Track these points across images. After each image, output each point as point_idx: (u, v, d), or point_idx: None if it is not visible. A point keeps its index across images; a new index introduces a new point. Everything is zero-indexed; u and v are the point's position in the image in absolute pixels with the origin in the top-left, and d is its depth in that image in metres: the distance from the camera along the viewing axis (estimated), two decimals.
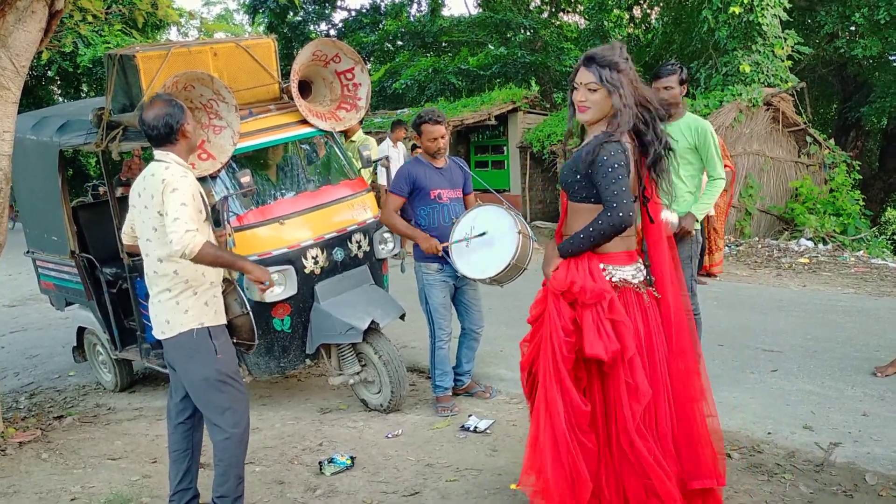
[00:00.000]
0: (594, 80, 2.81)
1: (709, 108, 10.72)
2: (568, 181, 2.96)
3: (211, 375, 3.14)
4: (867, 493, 3.31)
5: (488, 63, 17.82)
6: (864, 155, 14.01)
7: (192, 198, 3.04)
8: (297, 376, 5.60)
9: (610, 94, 2.79)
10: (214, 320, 3.21)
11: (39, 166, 5.24)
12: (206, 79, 4.20)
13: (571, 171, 2.93)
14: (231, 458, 3.19)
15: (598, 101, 2.83)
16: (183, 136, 3.16)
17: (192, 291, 3.15)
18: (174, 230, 2.90)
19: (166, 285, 3.14)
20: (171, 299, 3.14)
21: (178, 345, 3.16)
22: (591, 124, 2.92)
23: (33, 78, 17.81)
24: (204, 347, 3.15)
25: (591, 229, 2.82)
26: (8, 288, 9.71)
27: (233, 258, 3.20)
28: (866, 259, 9.24)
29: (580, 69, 2.85)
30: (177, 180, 3.02)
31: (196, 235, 2.92)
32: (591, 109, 2.86)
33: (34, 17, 4.13)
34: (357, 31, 20.97)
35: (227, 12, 31.94)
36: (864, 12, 12.23)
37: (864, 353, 5.25)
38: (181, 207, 2.95)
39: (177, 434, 3.38)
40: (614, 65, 2.79)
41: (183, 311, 3.13)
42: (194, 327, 3.13)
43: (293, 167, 5.20)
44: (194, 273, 3.14)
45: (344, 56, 4.99)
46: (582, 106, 2.86)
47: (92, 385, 5.91)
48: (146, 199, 3.09)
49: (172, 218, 2.93)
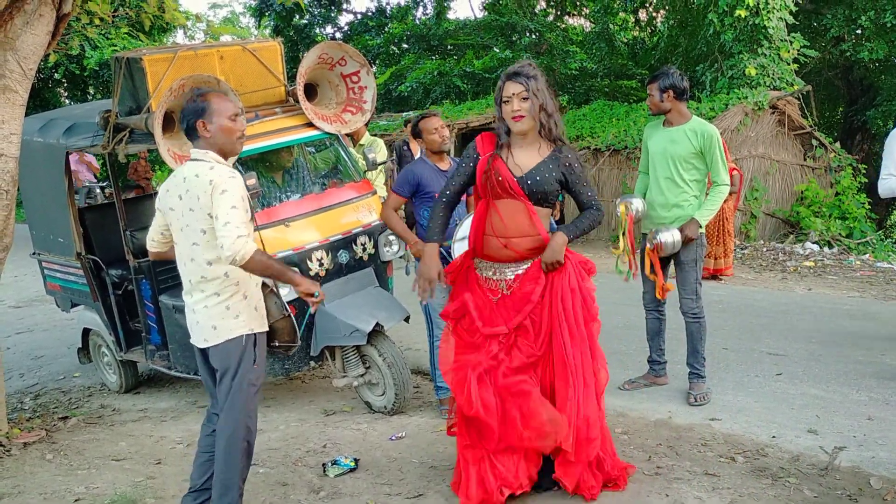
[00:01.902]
0: (524, 90, 3.15)
1: (714, 111, 10.71)
2: (547, 190, 3.25)
3: (241, 383, 3.07)
4: (872, 497, 3.30)
5: (493, 66, 17.81)
6: (870, 158, 13.92)
7: (242, 199, 2.95)
8: (302, 378, 5.61)
9: (537, 101, 3.15)
10: (261, 326, 3.15)
11: (46, 168, 5.27)
12: (212, 81, 4.22)
13: (552, 182, 3.25)
14: (236, 465, 3.13)
15: (530, 110, 3.15)
16: (202, 132, 3.03)
17: (243, 295, 3.08)
18: (225, 235, 2.82)
19: (215, 289, 3.05)
20: (220, 303, 3.05)
21: (225, 351, 3.07)
22: (525, 134, 3.23)
23: (40, 80, 17.89)
24: (245, 355, 3.07)
25: (587, 223, 3.36)
26: (14, 289, 9.74)
27: (282, 268, 3.07)
28: (872, 263, 9.21)
29: (506, 84, 3.19)
30: (225, 181, 2.92)
31: (248, 242, 2.84)
32: (525, 118, 3.17)
33: (42, 20, 4.15)
34: (363, 34, 21.02)
35: (233, 15, 32.08)
36: (871, 15, 12.19)
37: (870, 357, 5.23)
38: (232, 211, 2.86)
39: (210, 438, 3.25)
40: (536, 77, 3.17)
41: (234, 316, 3.05)
42: (244, 333, 3.06)
43: (299, 170, 5.22)
44: (244, 275, 3.06)
45: (350, 59, 5.00)
46: (518, 115, 3.17)
47: (97, 386, 5.93)
48: (190, 201, 2.98)
49: (223, 222, 2.84)
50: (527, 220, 3.26)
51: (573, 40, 19.25)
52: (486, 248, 3.35)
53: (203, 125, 3.03)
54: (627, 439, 4.05)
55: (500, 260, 3.34)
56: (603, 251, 11.14)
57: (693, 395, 4.52)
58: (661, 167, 4.47)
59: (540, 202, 3.28)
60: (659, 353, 4.82)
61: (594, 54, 17.87)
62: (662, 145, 4.46)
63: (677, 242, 4.33)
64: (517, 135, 3.25)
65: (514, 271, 3.33)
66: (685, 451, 3.86)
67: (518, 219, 3.26)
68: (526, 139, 3.26)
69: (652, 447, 3.93)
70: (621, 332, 6.20)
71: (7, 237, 4.38)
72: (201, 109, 3.02)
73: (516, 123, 3.20)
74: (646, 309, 4.79)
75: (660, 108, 4.44)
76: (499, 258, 3.34)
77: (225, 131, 3.04)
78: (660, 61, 15.81)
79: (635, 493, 3.43)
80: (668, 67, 4.50)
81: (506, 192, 3.25)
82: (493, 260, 3.36)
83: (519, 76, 3.18)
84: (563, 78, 17.52)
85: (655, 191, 4.50)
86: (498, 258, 3.34)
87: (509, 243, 3.28)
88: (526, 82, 3.15)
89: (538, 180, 3.23)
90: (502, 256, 3.33)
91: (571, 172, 3.28)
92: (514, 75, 3.19)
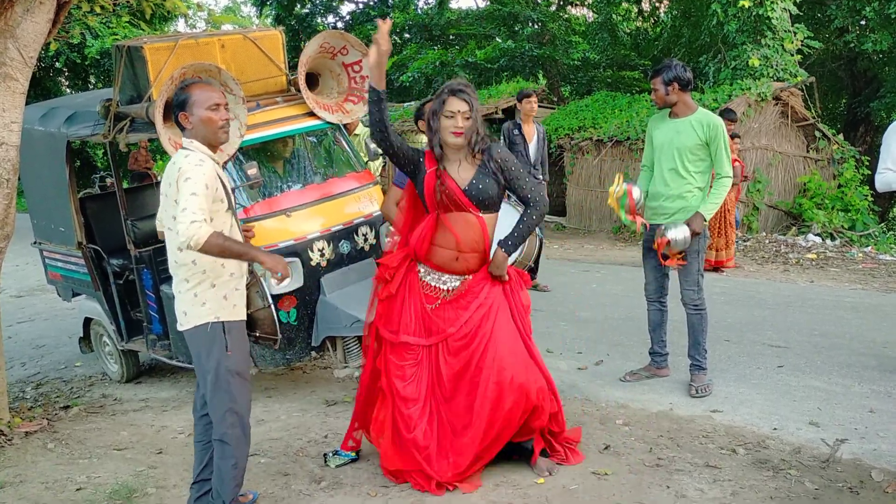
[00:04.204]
0: (469, 110, 3.32)
1: (717, 102, 10.67)
2: (492, 194, 3.41)
3: (217, 371, 3.08)
4: (873, 489, 3.30)
5: (496, 56, 17.76)
6: (873, 150, 13.86)
7: (206, 187, 2.94)
8: (303, 368, 5.61)
9: (475, 123, 3.34)
10: (232, 315, 3.14)
11: (47, 157, 5.25)
12: (213, 70, 4.20)
13: (495, 186, 3.40)
14: (228, 454, 3.13)
15: (470, 129, 3.34)
16: (185, 123, 3.07)
17: (211, 283, 3.09)
18: (181, 220, 2.84)
19: (185, 275, 3.09)
20: (189, 290, 3.09)
21: (194, 337, 3.12)
22: (459, 148, 3.38)
23: (41, 69, 17.84)
24: (217, 342, 3.09)
25: (525, 229, 3.48)
26: (15, 278, 9.75)
27: (243, 248, 3.06)
28: (874, 255, 9.21)
29: (450, 99, 3.33)
30: (191, 169, 2.95)
31: (202, 226, 2.84)
32: (464, 135, 3.34)
33: (42, 7, 4.13)
34: (364, 24, 20.89)
35: (234, 4, 31.98)
36: (875, 6, 12.12)
37: (872, 349, 5.23)
38: (191, 197, 2.88)
39: (200, 425, 3.32)
40: (476, 99, 3.37)
41: (200, 304, 3.08)
42: (210, 321, 3.08)
43: (300, 159, 5.20)
44: (213, 264, 3.07)
45: (352, 48, 4.98)
46: (458, 131, 3.32)
47: (98, 376, 5.94)
48: (165, 187, 3.04)
49: (181, 208, 2.87)
50: (478, 235, 3.43)
51: (576, 30, 19.18)
52: (434, 256, 3.48)
53: (185, 117, 3.08)
54: (629, 430, 4.05)
55: (449, 271, 3.49)
56: (606, 242, 11.14)
57: (694, 387, 4.52)
58: (666, 158, 4.45)
59: (488, 208, 3.43)
60: (661, 344, 4.81)
61: (597, 45, 17.82)
62: (668, 136, 4.44)
63: (688, 238, 4.31)
64: (451, 147, 3.39)
65: (460, 280, 3.49)
66: (686, 443, 3.86)
67: (470, 234, 3.42)
68: (458, 153, 3.41)
69: (653, 439, 3.93)
70: (623, 323, 6.20)
71: (8, 226, 4.37)
72: (182, 101, 3.08)
73: (456, 138, 3.34)
74: (648, 300, 4.78)
75: (666, 102, 4.42)
76: (448, 270, 3.48)
77: (205, 121, 3.07)
78: (663, 52, 15.77)
79: (636, 484, 3.44)
80: (669, 60, 4.48)
81: (454, 205, 3.38)
82: (441, 270, 3.49)
83: (465, 94, 3.33)
84: (566, 68, 17.48)
85: (660, 182, 4.48)
86: (447, 270, 3.48)
87: (461, 257, 3.44)
88: (471, 102, 3.33)
89: (481, 188, 3.38)
90: (453, 269, 3.48)
91: (506, 169, 3.42)
92: (460, 92, 3.33)
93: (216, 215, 3.04)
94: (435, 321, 3.49)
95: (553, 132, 12.52)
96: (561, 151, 12.54)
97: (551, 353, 5.37)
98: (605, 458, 3.72)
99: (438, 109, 3.36)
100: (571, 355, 5.46)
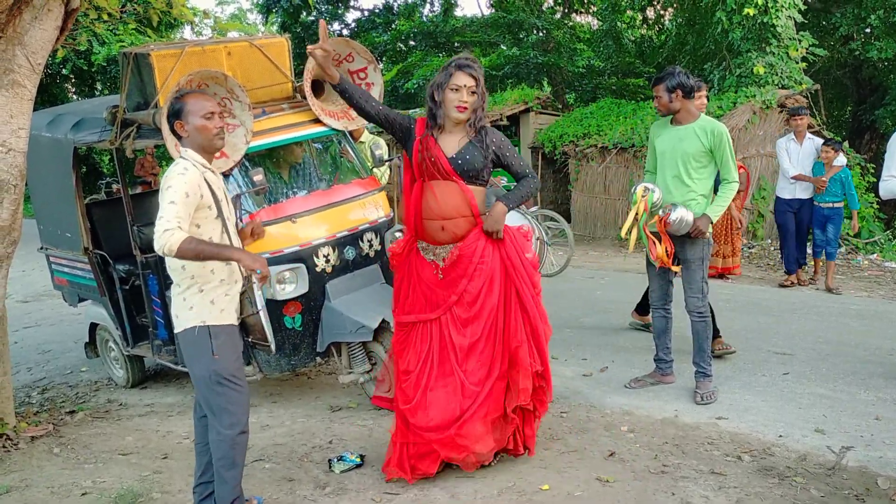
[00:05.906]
0: (475, 85, 3.37)
1: (722, 109, 10.67)
2: (478, 167, 3.44)
3: (207, 375, 3.11)
4: (879, 497, 3.29)
5: (501, 63, 17.78)
6: (878, 158, 13.83)
7: (186, 195, 2.96)
8: (308, 374, 5.62)
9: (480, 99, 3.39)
10: (218, 319, 3.15)
11: (54, 163, 5.28)
12: (219, 77, 4.23)
13: (481, 159, 3.44)
14: (224, 458, 3.15)
15: (474, 104, 3.39)
16: (181, 132, 3.12)
17: (199, 288, 3.12)
18: (156, 229, 2.88)
19: (176, 280, 3.15)
20: (179, 295, 3.15)
21: (184, 341, 3.17)
22: (461, 123, 3.43)
23: (48, 76, 17.95)
24: (203, 346, 3.11)
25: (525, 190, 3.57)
26: (21, 284, 9.79)
27: (217, 249, 3.02)
28: (880, 262, 9.18)
29: (457, 73, 3.36)
30: (173, 177, 2.98)
31: (174, 233, 2.85)
32: (468, 109, 3.39)
33: (50, 15, 4.16)
34: (370, 31, 20.97)
35: (240, 11, 32.15)
36: (880, 14, 12.11)
37: (877, 356, 5.22)
38: (168, 206, 2.92)
39: (199, 427, 3.36)
40: (482, 75, 3.39)
41: (188, 308, 3.12)
42: (196, 325, 3.11)
43: (305, 166, 5.22)
44: (201, 269, 3.10)
45: (357, 55, 5.00)
46: (463, 106, 3.37)
47: (104, 381, 5.95)
48: (160, 195, 3.07)
49: (158, 216, 2.91)
50: (462, 200, 3.45)
51: (580, 38, 19.19)
52: (425, 231, 3.55)
53: (180, 125, 3.13)
54: (634, 437, 4.04)
55: (438, 242, 3.54)
56: (610, 249, 11.13)
57: (699, 394, 4.51)
58: (670, 166, 4.45)
59: (472, 180, 3.47)
60: (665, 351, 4.81)
61: (601, 52, 17.81)
62: (671, 144, 4.44)
63: (686, 224, 4.30)
64: (452, 121, 3.43)
65: (449, 249, 3.54)
66: (691, 450, 3.85)
67: (453, 200, 3.45)
68: (458, 126, 3.46)
69: (658, 445, 3.92)
70: (628, 330, 6.19)
71: (15, 232, 4.39)
72: (178, 110, 3.13)
73: (460, 113, 3.39)
74: (652, 307, 4.78)
75: (669, 109, 4.43)
76: (437, 241, 3.54)
77: (200, 130, 3.11)
78: (667, 59, 15.75)
79: (641, 490, 3.43)
80: (672, 67, 4.48)
81: (439, 172, 3.42)
82: (434, 243, 3.55)
83: (471, 68, 3.37)
84: (571, 76, 17.49)
85: (663, 190, 4.48)
86: (436, 241, 3.54)
87: (446, 225, 3.48)
88: (477, 77, 3.37)
89: (468, 159, 3.43)
90: (440, 239, 3.52)
91: (501, 151, 3.51)
92: (467, 67, 3.37)
93: (204, 222, 3.08)
94: (438, 293, 3.56)
95: (557, 139, 12.52)
96: (566, 158, 12.54)
97: (556, 359, 5.36)
98: (610, 465, 3.71)
99: (444, 82, 3.39)
100: (576, 362, 5.46)
